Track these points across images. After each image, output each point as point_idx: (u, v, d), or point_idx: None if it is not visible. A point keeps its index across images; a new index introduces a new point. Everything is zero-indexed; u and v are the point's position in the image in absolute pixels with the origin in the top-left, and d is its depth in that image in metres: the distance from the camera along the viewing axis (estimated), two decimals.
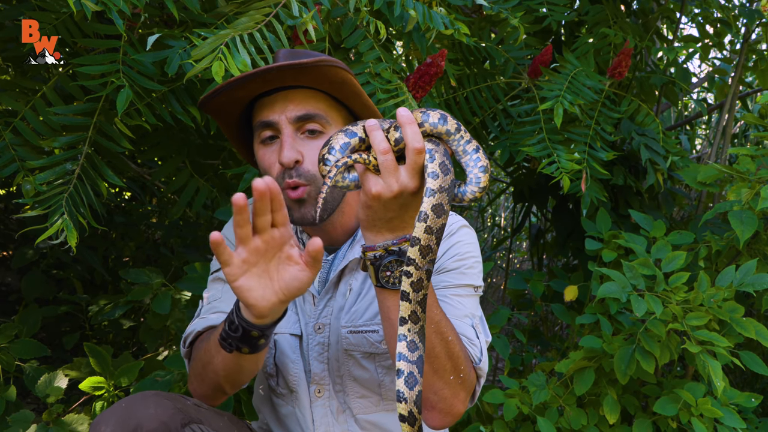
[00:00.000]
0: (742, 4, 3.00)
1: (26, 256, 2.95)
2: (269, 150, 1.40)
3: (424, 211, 1.05)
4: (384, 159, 1.08)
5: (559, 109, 2.24)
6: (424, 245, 1.05)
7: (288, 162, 1.35)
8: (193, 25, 1.89)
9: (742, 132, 4.35)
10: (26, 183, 1.80)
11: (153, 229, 3.67)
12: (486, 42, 2.57)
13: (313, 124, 1.38)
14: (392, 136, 1.09)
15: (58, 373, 2.24)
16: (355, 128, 1.14)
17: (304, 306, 1.51)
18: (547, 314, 3.71)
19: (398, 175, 1.09)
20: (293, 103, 1.38)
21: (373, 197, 1.10)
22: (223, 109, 1.42)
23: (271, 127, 1.39)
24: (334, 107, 1.42)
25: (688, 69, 3.08)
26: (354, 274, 1.50)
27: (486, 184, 1.10)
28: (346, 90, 1.40)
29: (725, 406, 2.16)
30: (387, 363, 1.49)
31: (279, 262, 1.19)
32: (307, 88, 1.38)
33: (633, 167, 2.99)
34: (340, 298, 1.49)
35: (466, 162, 1.11)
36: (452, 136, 1.09)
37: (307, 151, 1.37)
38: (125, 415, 1.22)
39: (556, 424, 2.26)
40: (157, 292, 2.37)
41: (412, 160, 1.07)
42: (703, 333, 2.02)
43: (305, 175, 1.37)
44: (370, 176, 1.11)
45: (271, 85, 1.37)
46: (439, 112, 1.08)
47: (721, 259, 2.48)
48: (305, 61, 1.31)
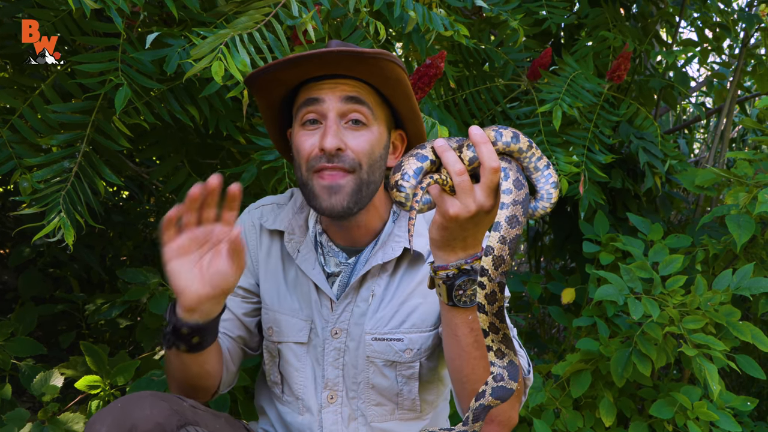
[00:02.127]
0: (741, 9, 3.01)
1: (23, 254, 2.94)
2: (310, 133, 1.37)
3: (499, 222, 1.05)
4: (460, 180, 1.07)
5: (557, 112, 2.24)
6: (497, 255, 1.04)
7: (331, 148, 1.32)
8: (193, 24, 1.89)
9: (740, 136, 4.36)
10: (24, 180, 1.79)
11: (151, 229, 3.66)
12: (485, 44, 2.57)
13: (358, 114, 1.36)
14: (465, 156, 1.09)
15: (54, 371, 2.23)
16: (423, 151, 1.14)
17: (321, 310, 1.48)
18: (544, 316, 3.71)
19: (474, 195, 1.08)
20: (344, 86, 1.36)
21: (451, 218, 1.10)
22: (269, 87, 1.40)
23: (316, 105, 1.36)
24: (380, 105, 1.40)
25: (686, 73, 3.09)
26: (377, 280, 1.46)
27: (556, 199, 1.12)
28: (399, 89, 1.39)
29: (721, 410, 2.17)
30: (407, 372, 1.47)
31: (211, 257, 1.24)
32: (358, 79, 1.37)
33: (631, 170, 3.00)
34: (362, 303, 1.46)
35: (537, 178, 1.12)
36: (524, 153, 1.10)
37: (349, 140, 1.35)
38: (121, 415, 1.21)
39: (553, 426, 2.26)
40: (154, 292, 2.36)
41: (488, 179, 1.06)
42: (699, 336, 2.03)
43: (349, 161, 1.35)
44: (446, 197, 1.10)
45: (325, 69, 1.34)
46: (511, 131, 1.09)
47: (718, 262, 2.48)
48: (366, 51, 1.30)
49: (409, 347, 1.44)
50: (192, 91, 1.97)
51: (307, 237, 1.50)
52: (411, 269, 1.47)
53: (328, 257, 1.50)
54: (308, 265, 1.48)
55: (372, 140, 1.37)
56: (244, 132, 2.14)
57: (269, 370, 1.56)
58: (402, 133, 1.49)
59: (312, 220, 1.51)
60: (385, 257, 1.44)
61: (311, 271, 1.47)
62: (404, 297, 1.45)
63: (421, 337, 1.45)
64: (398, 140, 1.49)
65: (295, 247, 1.50)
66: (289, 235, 1.51)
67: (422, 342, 1.45)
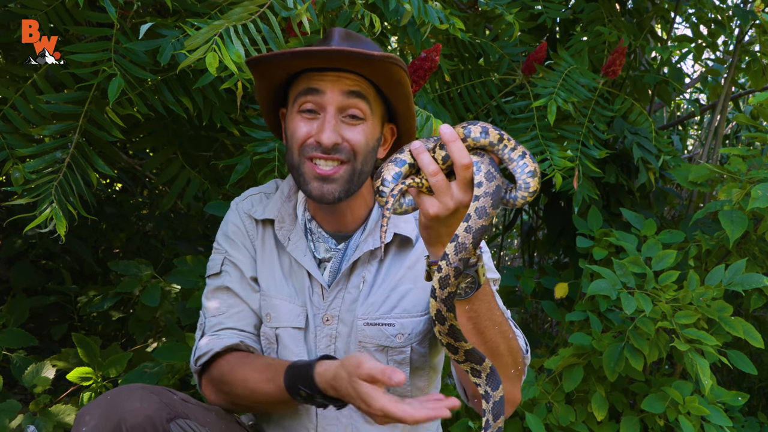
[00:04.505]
0: (737, 5, 3.01)
1: (15, 246, 2.93)
2: (306, 122, 1.40)
3: (468, 213, 1.08)
4: (435, 180, 1.11)
5: (552, 107, 2.24)
6: (460, 242, 1.07)
7: (329, 144, 1.36)
8: (187, 14, 1.88)
9: (734, 133, 4.37)
10: (15, 171, 1.78)
11: (144, 221, 3.65)
12: (481, 38, 2.56)
13: (357, 110, 1.39)
14: (439, 155, 1.13)
15: (46, 363, 2.22)
16: (402, 155, 1.17)
17: (312, 297, 1.50)
18: (537, 311, 3.72)
19: (451, 193, 1.12)
20: (347, 80, 1.39)
21: (433, 218, 1.14)
22: (271, 72, 1.43)
23: (317, 96, 1.39)
24: (378, 101, 1.45)
25: (681, 69, 3.08)
26: (367, 266, 1.49)
27: (536, 188, 1.14)
28: (399, 91, 1.43)
29: (712, 405, 2.18)
30: (399, 357, 1.49)
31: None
32: (359, 75, 1.40)
33: (625, 166, 3.00)
34: (353, 289, 1.49)
35: (514, 169, 1.14)
36: (496, 146, 1.13)
37: (345, 132, 1.39)
38: (110, 407, 1.21)
39: (545, 420, 2.26)
40: (147, 284, 2.36)
41: (462, 175, 1.10)
42: (691, 331, 2.03)
43: (345, 153, 1.39)
44: (425, 198, 1.14)
45: (330, 63, 1.37)
46: (480, 126, 1.12)
47: (710, 258, 2.49)
48: (376, 54, 1.34)
49: (400, 332, 1.47)
50: (186, 82, 1.96)
51: (297, 225, 1.53)
52: (400, 254, 1.51)
53: (318, 243, 1.53)
54: (299, 253, 1.50)
55: (367, 133, 1.42)
56: (237, 124, 2.13)
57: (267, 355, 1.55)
58: (393, 127, 1.54)
59: (300, 208, 1.54)
60: (375, 244, 1.47)
61: (302, 258, 1.50)
62: (395, 282, 1.49)
63: (412, 321, 1.48)
64: (389, 133, 1.53)
65: (285, 235, 1.52)
66: (279, 224, 1.53)
67: (413, 327, 1.48)
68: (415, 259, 1.49)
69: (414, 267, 1.49)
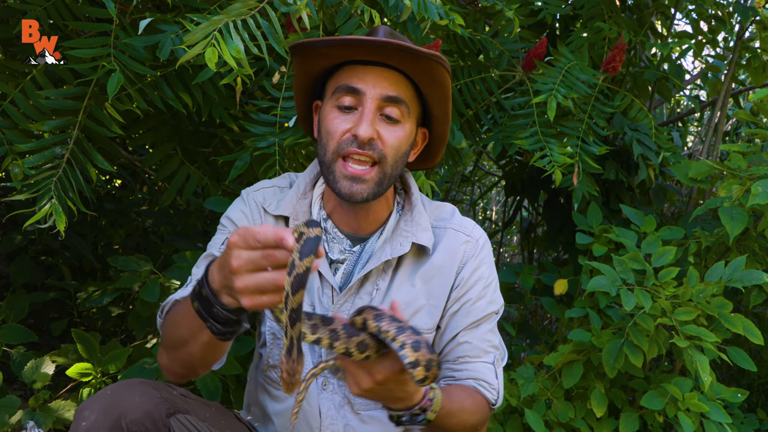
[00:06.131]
0: (737, 1, 3.00)
1: (14, 242, 2.93)
2: (343, 117, 1.38)
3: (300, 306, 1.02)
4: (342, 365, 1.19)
5: (552, 103, 2.24)
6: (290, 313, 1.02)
7: (365, 137, 1.34)
8: (186, 9, 1.87)
9: (734, 129, 4.37)
10: (15, 166, 1.78)
11: (143, 217, 3.65)
12: (480, 34, 2.56)
13: (396, 110, 1.38)
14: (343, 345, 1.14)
15: (46, 359, 2.22)
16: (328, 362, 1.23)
17: (321, 298, 1.47)
18: (536, 307, 3.72)
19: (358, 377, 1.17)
20: (388, 82, 1.37)
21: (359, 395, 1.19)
22: (314, 59, 1.41)
23: (355, 95, 1.37)
24: (416, 101, 1.43)
25: (681, 65, 3.08)
26: (382, 274, 1.47)
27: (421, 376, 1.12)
28: (441, 92, 1.42)
29: (712, 401, 2.18)
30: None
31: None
32: (402, 72, 1.39)
33: (625, 162, 3.00)
34: (365, 296, 1.46)
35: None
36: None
37: (382, 131, 1.38)
38: (110, 402, 1.21)
39: (544, 416, 2.27)
40: (146, 280, 2.35)
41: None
42: (691, 328, 2.03)
43: (378, 151, 1.37)
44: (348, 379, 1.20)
45: (376, 56, 1.36)
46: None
47: (710, 255, 2.49)
48: (423, 51, 1.33)
49: None
50: (185, 77, 1.96)
51: None
52: (416, 264, 1.49)
53: (332, 243, 1.49)
54: None
55: (401, 137, 1.40)
56: (237, 119, 2.13)
57: (271, 352, 1.54)
58: (425, 132, 1.52)
59: (316, 206, 1.51)
60: (393, 253, 1.45)
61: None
62: (410, 298, 1.46)
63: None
64: (420, 138, 1.52)
65: None
66: (293, 221, 1.49)
67: None
68: (432, 273, 1.48)
69: (430, 282, 1.47)
